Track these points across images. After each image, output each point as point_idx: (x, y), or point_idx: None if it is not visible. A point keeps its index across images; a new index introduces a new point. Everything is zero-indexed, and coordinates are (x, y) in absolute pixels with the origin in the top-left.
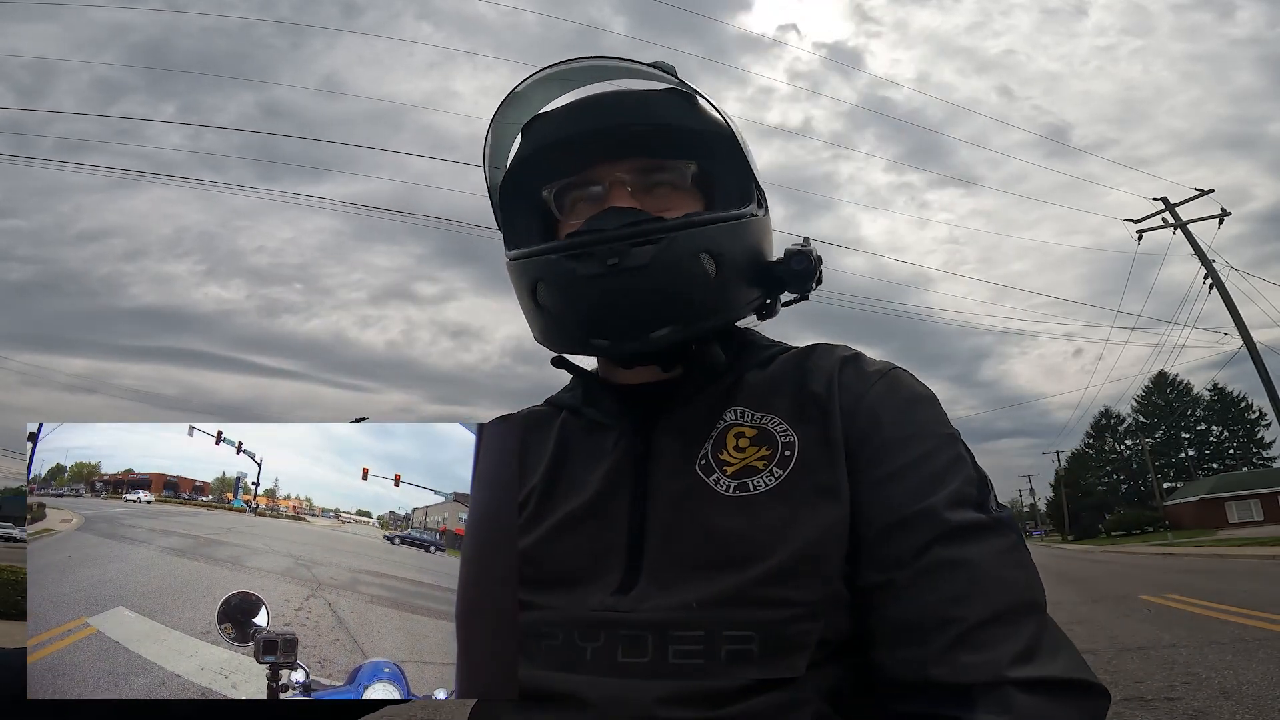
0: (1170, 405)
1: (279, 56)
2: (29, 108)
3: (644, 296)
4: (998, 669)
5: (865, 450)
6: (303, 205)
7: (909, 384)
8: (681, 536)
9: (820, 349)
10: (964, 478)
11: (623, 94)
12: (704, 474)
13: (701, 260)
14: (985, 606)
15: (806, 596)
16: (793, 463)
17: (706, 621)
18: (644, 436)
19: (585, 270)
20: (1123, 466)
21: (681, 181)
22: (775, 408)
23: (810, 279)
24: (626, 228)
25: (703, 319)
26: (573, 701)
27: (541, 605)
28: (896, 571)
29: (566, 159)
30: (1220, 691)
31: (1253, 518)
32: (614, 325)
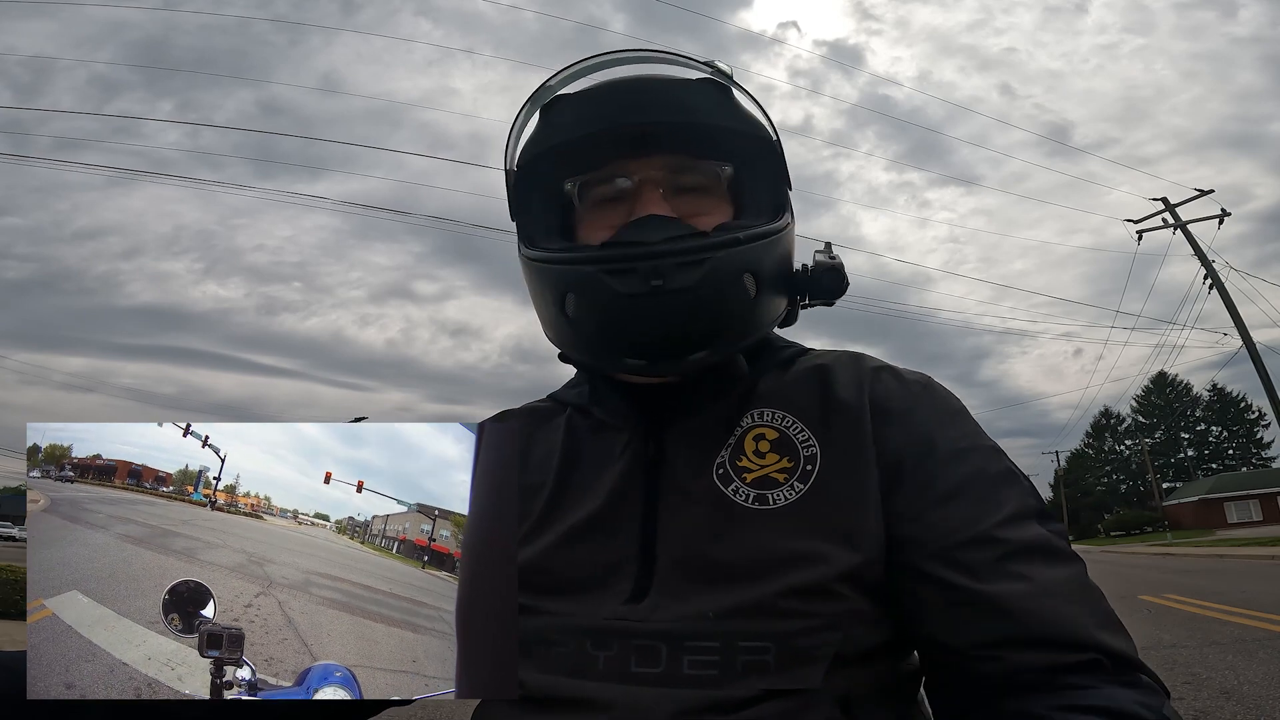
0: (1170, 405)
1: (277, 54)
2: (26, 106)
3: (686, 319)
4: (1128, 647)
5: (918, 468)
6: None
7: (948, 397)
8: (696, 547)
9: (846, 355)
10: (1020, 490)
11: (658, 83)
12: (722, 484)
13: (744, 281)
14: (1088, 611)
15: (825, 609)
16: (814, 477)
17: (721, 632)
18: (656, 441)
19: (625, 289)
20: (1122, 466)
21: (715, 185)
22: (798, 412)
23: (839, 294)
24: (670, 242)
25: (740, 340)
26: (585, 705)
27: (552, 612)
28: (975, 585)
29: (595, 150)
30: (1221, 692)
31: (1252, 518)
32: (648, 347)
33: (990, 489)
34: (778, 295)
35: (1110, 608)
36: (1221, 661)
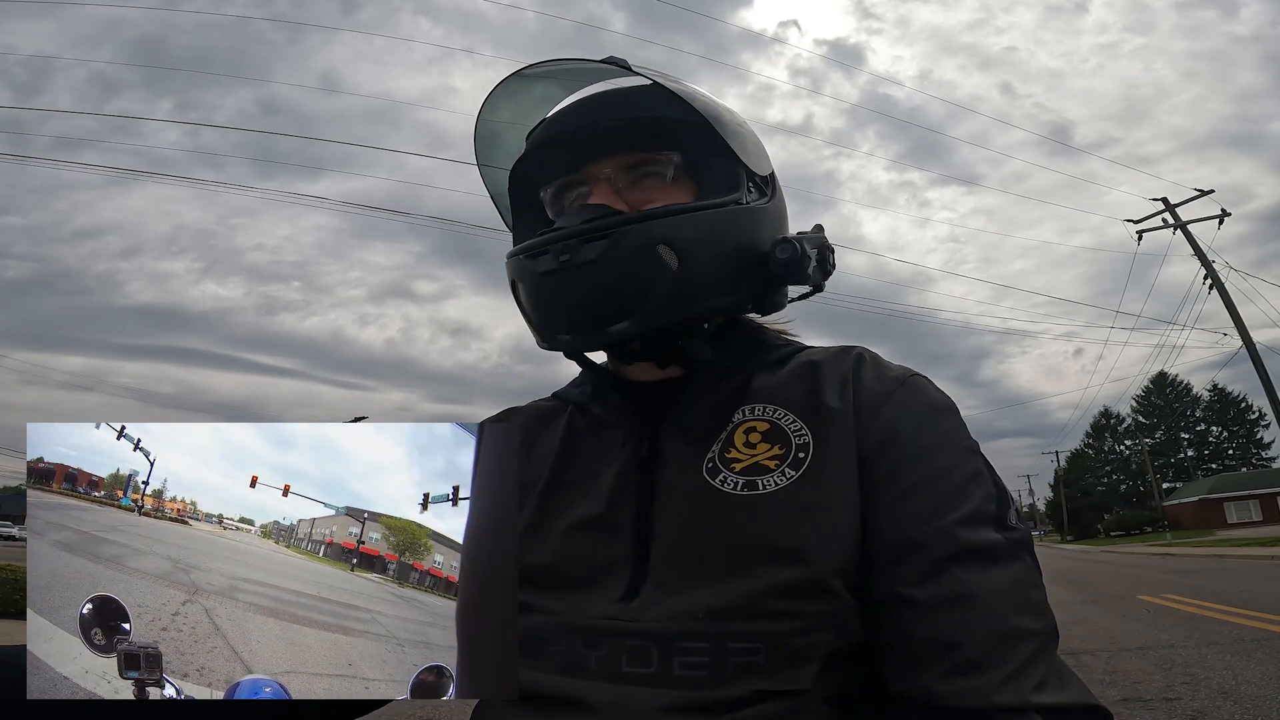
0: (1170, 405)
1: (276, 53)
2: (25, 105)
3: (596, 291)
4: (1019, 695)
5: (882, 462)
6: (301, 204)
7: (929, 392)
8: (687, 543)
9: (836, 349)
10: (983, 494)
11: (607, 91)
12: (710, 476)
13: (659, 252)
14: (998, 632)
15: (817, 608)
16: (806, 464)
17: (712, 633)
18: (651, 437)
19: (541, 268)
20: (1122, 467)
21: (667, 174)
22: (790, 406)
23: (799, 269)
24: (585, 224)
25: (666, 312)
26: (575, 705)
27: (545, 609)
28: (909, 589)
29: (558, 160)
30: (1219, 692)
31: (1251, 518)
32: (572, 320)
33: (949, 490)
34: (727, 273)
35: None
36: (1220, 662)
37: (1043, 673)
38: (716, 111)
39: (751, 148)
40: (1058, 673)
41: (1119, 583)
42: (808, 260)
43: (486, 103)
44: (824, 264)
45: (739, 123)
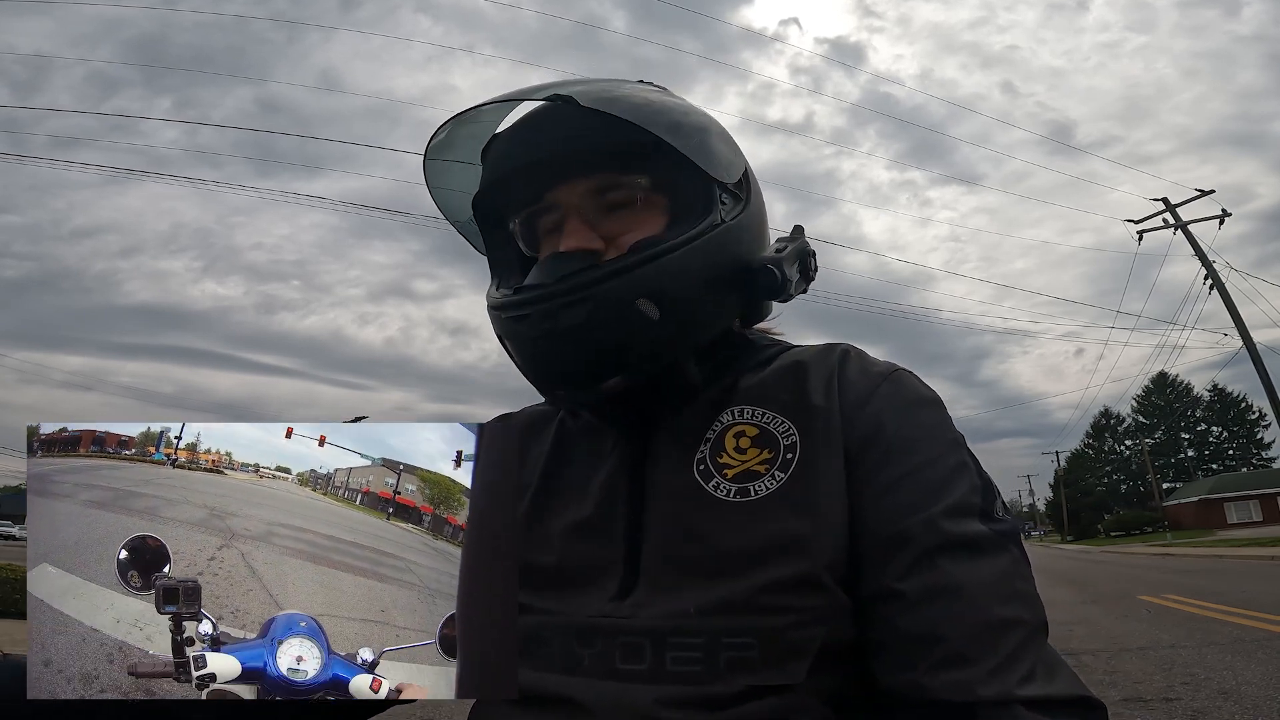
0: (1170, 406)
1: (275, 51)
2: (23, 104)
3: (584, 355)
4: (1004, 687)
5: (867, 456)
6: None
7: (913, 386)
8: (679, 542)
9: (821, 347)
10: (967, 486)
11: (565, 112)
12: (703, 479)
13: (639, 307)
14: (984, 623)
15: (809, 603)
16: (794, 465)
17: (706, 628)
18: (641, 439)
19: (527, 332)
20: (1122, 467)
21: (642, 198)
22: (777, 408)
23: (783, 292)
24: (561, 280)
25: (654, 360)
26: (570, 704)
27: (538, 609)
28: (895, 583)
29: (522, 187)
30: (1219, 692)
31: (1252, 518)
32: (565, 378)
33: (934, 482)
34: (709, 303)
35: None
36: (1220, 662)
37: (1030, 664)
38: (677, 124)
39: (720, 155)
40: (1047, 664)
41: (1119, 583)
42: (789, 283)
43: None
44: (806, 273)
45: (702, 127)
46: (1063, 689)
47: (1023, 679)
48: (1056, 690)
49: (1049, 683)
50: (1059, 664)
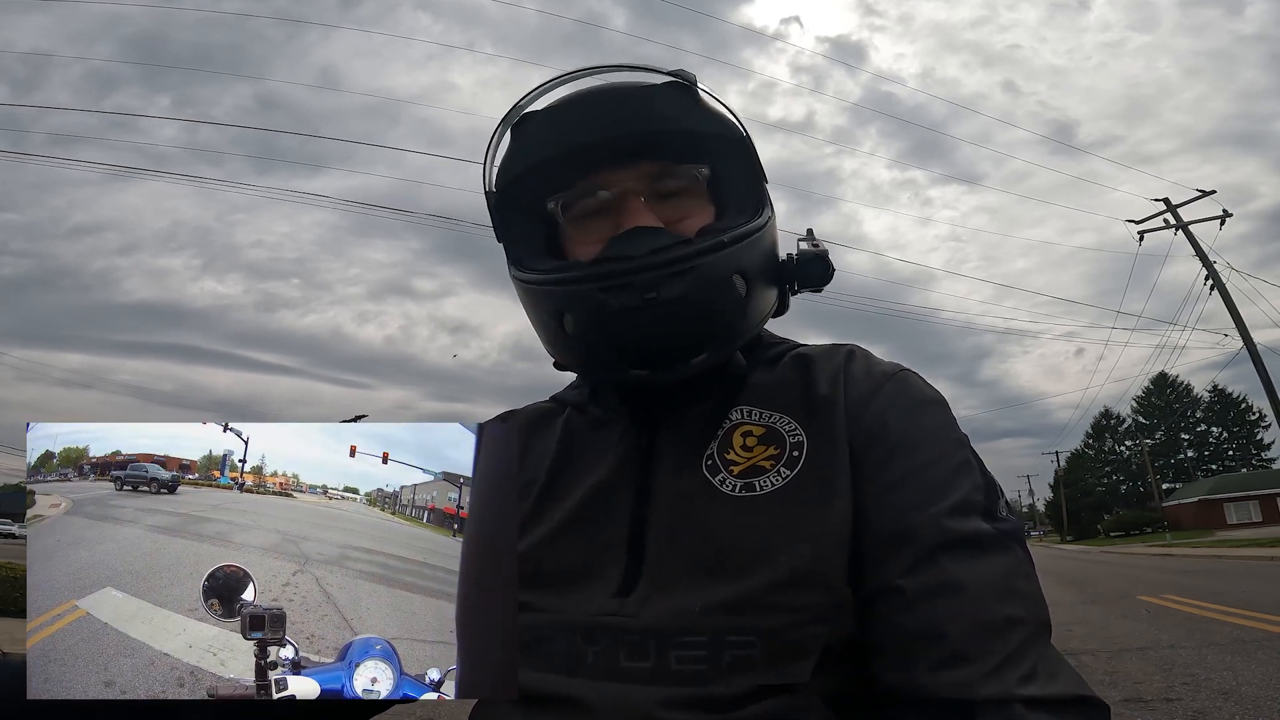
0: (1170, 406)
1: (275, 49)
2: (22, 102)
3: (683, 327)
4: (1004, 686)
5: (871, 455)
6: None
7: (918, 386)
8: (684, 538)
9: (828, 347)
10: (970, 485)
11: (627, 91)
12: (710, 474)
13: (734, 282)
14: (985, 622)
15: (812, 602)
16: (800, 463)
17: (709, 627)
18: (648, 434)
19: (619, 303)
20: (1122, 467)
21: (695, 188)
22: (784, 407)
23: (826, 281)
24: (657, 253)
25: (738, 339)
26: (573, 705)
27: (541, 607)
28: (896, 580)
29: (573, 165)
30: (1219, 692)
31: (1251, 519)
32: (651, 356)
33: (937, 480)
34: (767, 289)
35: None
36: (1220, 662)
37: (1031, 663)
38: (741, 123)
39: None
40: (1048, 663)
41: (1119, 583)
42: (833, 271)
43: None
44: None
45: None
46: (1064, 689)
47: (1023, 678)
48: (1057, 690)
49: (1050, 682)
50: (1061, 664)
